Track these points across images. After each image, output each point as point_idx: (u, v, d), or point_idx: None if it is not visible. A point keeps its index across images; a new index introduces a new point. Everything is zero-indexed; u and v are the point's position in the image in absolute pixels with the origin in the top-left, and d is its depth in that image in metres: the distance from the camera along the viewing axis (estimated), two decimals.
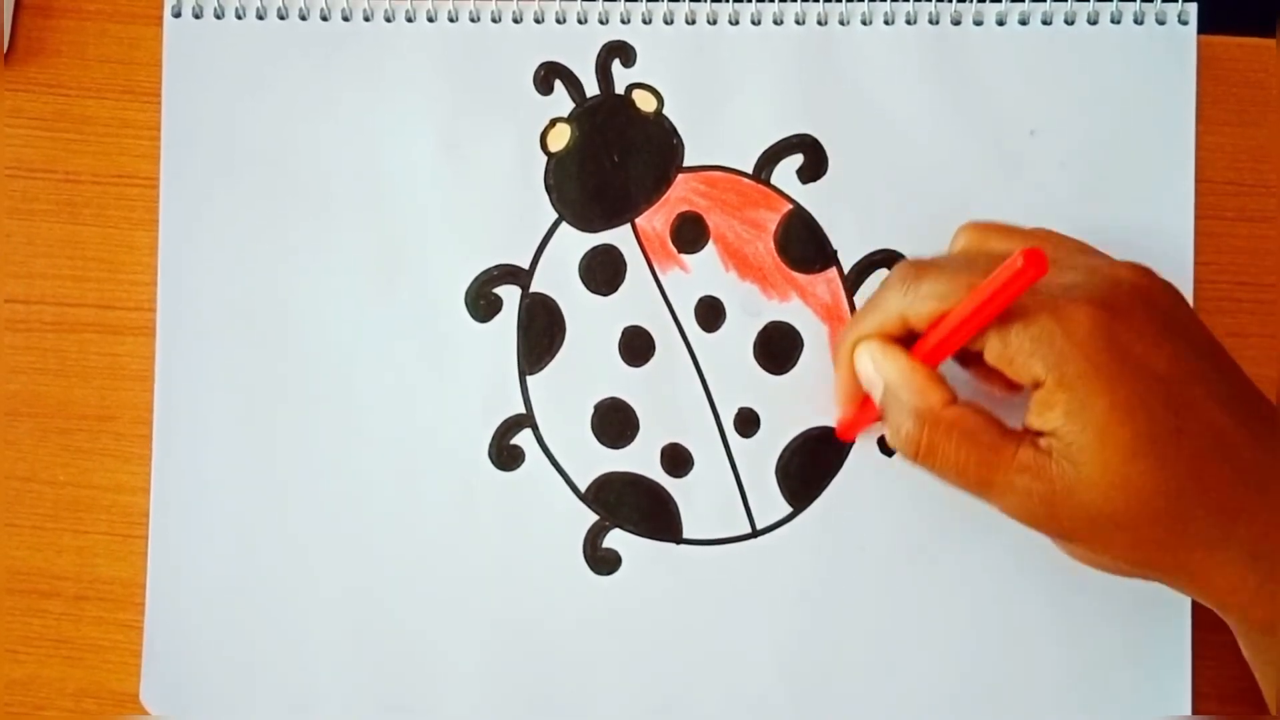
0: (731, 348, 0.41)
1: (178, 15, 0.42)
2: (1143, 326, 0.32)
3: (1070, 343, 0.31)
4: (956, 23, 0.42)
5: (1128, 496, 0.32)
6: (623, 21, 0.42)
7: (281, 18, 0.42)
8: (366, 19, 0.42)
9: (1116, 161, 0.41)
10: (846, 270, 0.41)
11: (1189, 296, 0.41)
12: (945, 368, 0.36)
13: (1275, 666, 0.34)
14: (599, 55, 0.42)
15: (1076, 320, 0.32)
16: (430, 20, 0.42)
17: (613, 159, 0.42)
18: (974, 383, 0.37)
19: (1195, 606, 0.40)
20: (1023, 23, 0.41)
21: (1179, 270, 0.41)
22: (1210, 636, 0.40)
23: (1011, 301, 0.32)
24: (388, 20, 0.42)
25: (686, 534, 0.41)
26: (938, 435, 0.34)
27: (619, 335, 0.41)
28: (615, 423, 0.41)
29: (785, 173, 0.42)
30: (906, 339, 0.36)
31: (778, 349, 0.41)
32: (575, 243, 0.42)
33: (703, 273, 0.41)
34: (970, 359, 0.36)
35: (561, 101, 0.42)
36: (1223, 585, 0.33)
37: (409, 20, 0.42)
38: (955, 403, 0.34)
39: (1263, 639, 0.34)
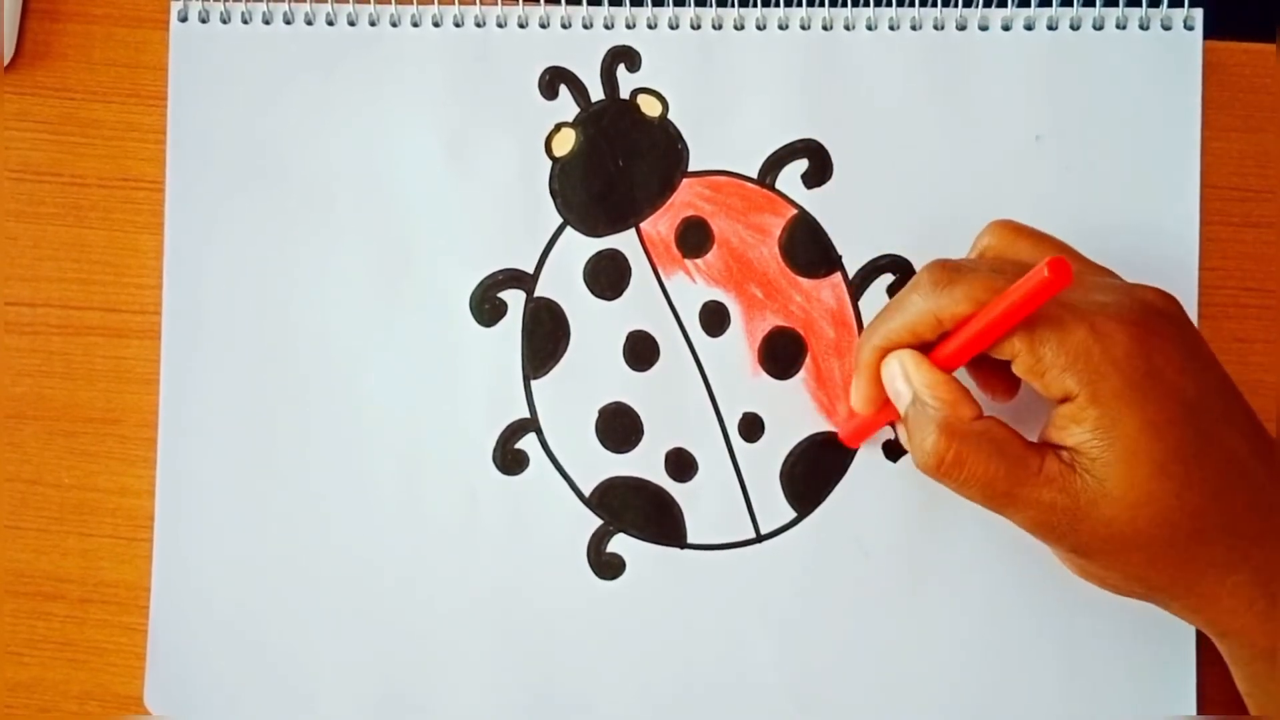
0: (736, 353, 0.41)
1: (184, 20, 0.42)
2: (1173, 351, 0.33)
3: (1107, 360, 0.32)
4: (961, 28, 0.42)
5: (1151, 514, 0.32)
6: (628, 26, 0.42)
7: (287, 23, 0.42)
8: (372, 24, 0.42)
9: (1122, 167, 0.41)
10: (851, 275, 0.41)
11: (1194, 302, 0.41)
12: None
13: (1275, 697, 0.34)
14: (604, 60, 0.42)
15: (1115, 339, 0.32)
16: (435, 26, 0.42)
17: (617, 164, 0.42)
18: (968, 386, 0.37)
19: None
20: (1028, 28, 0.41)
21: (1184, 275, 0.41)
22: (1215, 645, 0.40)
23: (1034, 310, 0.32)
24: (393, 25, 0.42)
25: (691, 539, 0.41)
26: (967, 448, 0.33)
27: (623, 340, 0.41)
28: (620, 427, 0.41)
29: (790, 178, 0.42)
30: (922, 346, 0.36)
31: (782, 354, 0.41)
32: (580, 247, 0.42)
33: (707, 278, 0.41)
34: (973, 363, 0.36)
35: (566, 106, 0.42)
36: (1229, 609, 0.33)
37: (414, 25, 0.42)
38: (982, 416, 0.34)
39: (1263, 668, 0.34)
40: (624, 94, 0.42)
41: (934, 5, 0.42)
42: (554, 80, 0.42)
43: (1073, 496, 0.32)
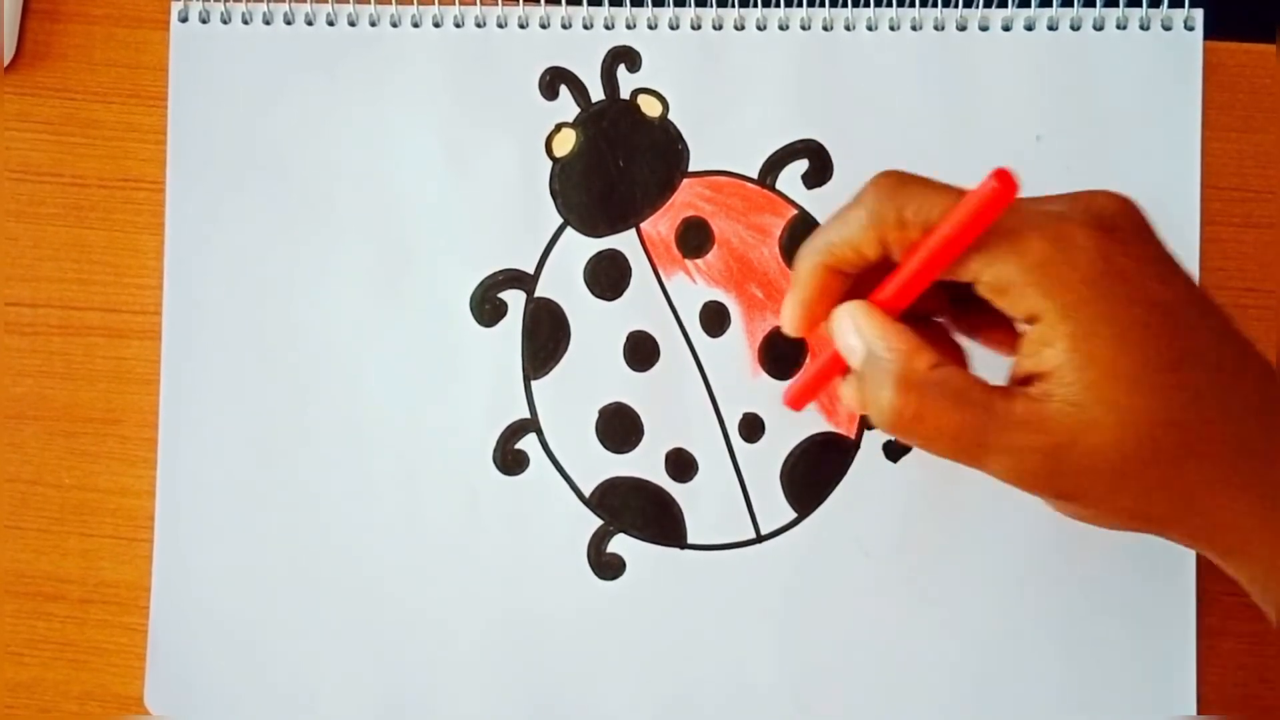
0: (736, 353, 0.41)
1: (184, 20, 0.42)
2: (1139, 251, 0.30)
3: (1071, 268, 0.29)
4: (962, 29, 0.42)
5: (1138, 434, 0.29)
6: (628, 27, 0.42)
7: (288, 23, 0.42)
8: (372, 24, 0.42)
9: (1122, 167, 0.41)
10: None
11: None
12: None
13: None
14: (604, 60, 0.42)
15: (1076, 244, 0.29)
16: (436, 26, 0.42)
17: (618, 164, 0.42)
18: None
19: (1201, 611, 0.40)
20: (1028, 29, 0.41)
21: None
22: (1215, 643, 0.40)
23: (985, 227, 0.29)
24: (393, 26, 0.42)
25: (691, 539, 0.41)
26: (927, 399, 0.30)
27: (623, 340, 0.41)
28: (620, 427, 0.41)
29: (790, 178, 0.42)
30: (864, 287, 0.32)
31: (782, 354, 0.41)
32: (580, 248, 0.42)
33: (707, 278, 0.41)
34: (952, 311, 0.33)
35: (567, 107, 0.42)
36: (1231, 525, 0.30)
37: (415, 26, 0.42)
38: (940, 365, 0.31)
39: (1271, 581, 0.31)
40: (624, 94, 0.42)
41: (934, 5, 0.42)
42: (554, 80, 0.42)
43: (1048, 434, 0.29)
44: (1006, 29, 0.42)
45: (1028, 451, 0.30)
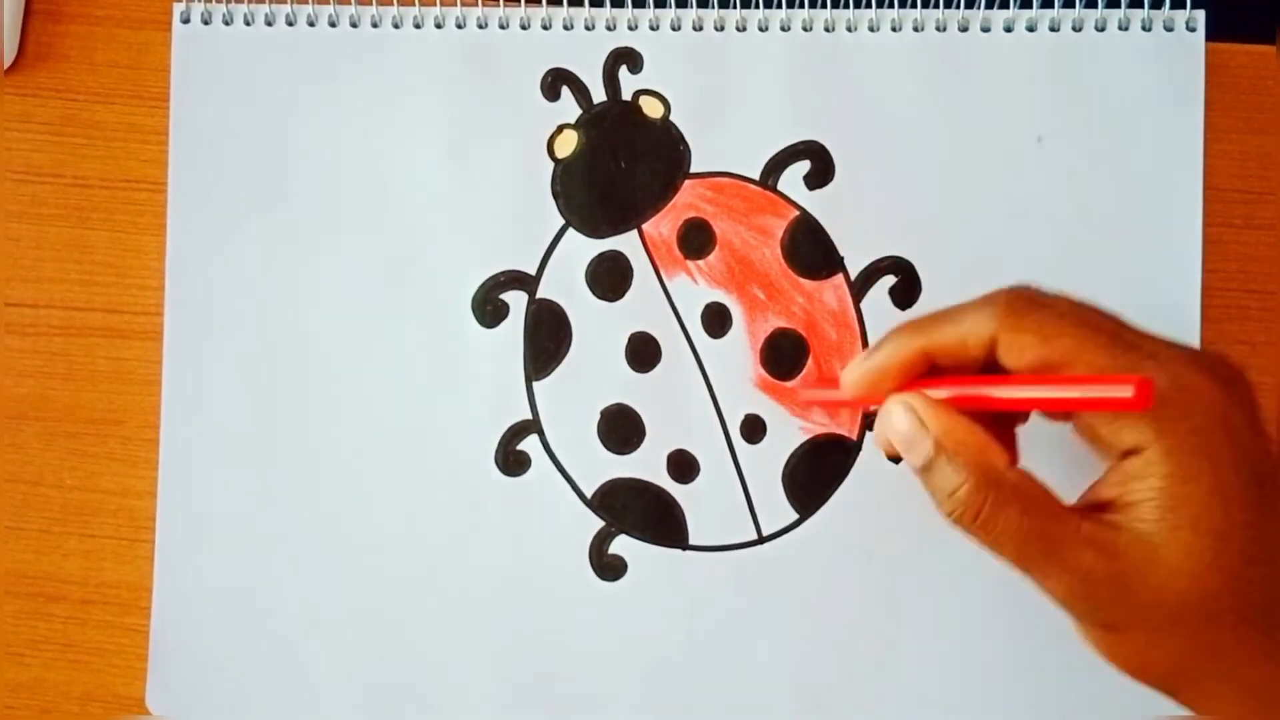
0: (738, 354, 0.41)
1: (186, 21, 0.42)
2: (1248, 414, 0.30)
3: (1187, 412, 0.29)
4: (963, 30, 0.42)
5: (1205, 587, 0.29)
6: (630, 28, 0.42)
7: (289, 25, 0.42)
8: (374, 26, 0.42)
9: (1124, 169, 0.41)
10: (853, 277, 0.41)
11: (1197, 304, 0.41)
12: None
13: None
14: (606, 62, 0.42)
15: (1200, 390, 0.29)
16: (438, 28, 0.42)
17: (619, 165, 0.42)
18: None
19: None
20: (1030, 30, 0.41)
21: (1187, 278, 0.41)
22: None
23: (1095, 409, 0.29)
24: (395, 27, 0.42)
25: (692, 540, 0.41)
26: (999, 500, 0.30)
27: (625, 341, 0.41)
28: (621, 429, 0.41)
29: (792, 179, 0.42)
30: (956, 368, 0.32)
31: (784, 356, 0.41)
32: (582, 249, 0.42)
33: (709, 279, 0.41)
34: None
35: (568, 108, 0.42)
36: (1254, 692, 0.30)
37: (417, 27, 0.42)
38: (1015, 467, 0.31)
39: None
40: (626, 95, 0.42)
41: (936, 6, 0.42)
42: (556, 82, 0.42)
43: (1118, 562, 0.29)
44: (1008, 30, 0.42)
45: (1092, 573, 0.29)
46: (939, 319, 0.32)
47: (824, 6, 0.42)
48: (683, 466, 0.41)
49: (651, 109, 0.42)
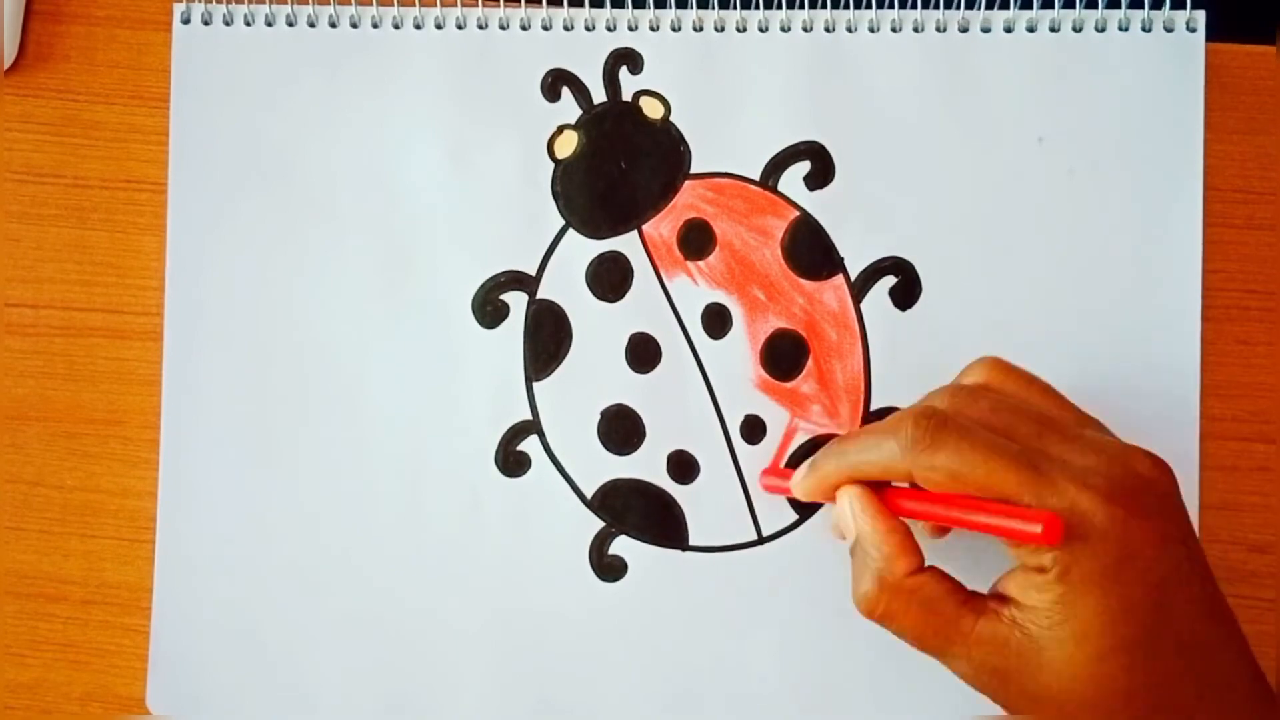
0: (738, 355, 0.41)
1: (186, 22, 0.42)
2: (1152, 532, 0.31)
3: (1083, 543, 0.31)
4: (964, 30, 0.42)
5: (1088, 692, 0.31)
6: (630, 29, 0.42)
7: (290, 25, 0.42)
8: (375, 26, 0.42)
9: (1124, 169, 0.41)
10: (853, 277, 0.41)
11: (1197, 304, 0.41)
12: None
13: None
14: (606, 62, 0.42)
15: (1094, 522, 0.31)
16: (439, 28, 0.42)
17: (620, 166, 0.42)
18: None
19: None
20: (1030, 30, 0.41)
21: (1187, 278, 0.41)
22: None
23: (1006, 537, 0.32)
24: (396, 27, 0.42)
25: (693, 541, 0.41)
26: (897, 602, 0.34)
27: (625, 342, 0.41)
28: (622, 429, 0.41)
29: (792, 180, 0.42)
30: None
31: (784, 356, 0.41)
32: (582, 249, 0.42)
33: (709, 280, 0.41)
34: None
35: (569, 108, 0.42)
36: None
37: (417, 28, 0.42)
38: (920, 570, 0.34)
39: None
40: (626, 96, 0.42)
41: (936, 7, 0.42)
42: (556, 82, 0.42)
43: (1006, 659, 0.32)
44: (1008, 30, 0.42)
45: (982, 667, 0.33)
46: (862, 445, 0.34)
47: (824, 7, 0.42)
48: (683, 467, 0.41)
49: (652, 110, 0.42)
